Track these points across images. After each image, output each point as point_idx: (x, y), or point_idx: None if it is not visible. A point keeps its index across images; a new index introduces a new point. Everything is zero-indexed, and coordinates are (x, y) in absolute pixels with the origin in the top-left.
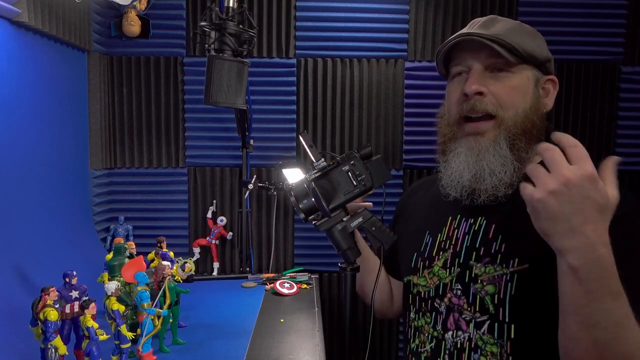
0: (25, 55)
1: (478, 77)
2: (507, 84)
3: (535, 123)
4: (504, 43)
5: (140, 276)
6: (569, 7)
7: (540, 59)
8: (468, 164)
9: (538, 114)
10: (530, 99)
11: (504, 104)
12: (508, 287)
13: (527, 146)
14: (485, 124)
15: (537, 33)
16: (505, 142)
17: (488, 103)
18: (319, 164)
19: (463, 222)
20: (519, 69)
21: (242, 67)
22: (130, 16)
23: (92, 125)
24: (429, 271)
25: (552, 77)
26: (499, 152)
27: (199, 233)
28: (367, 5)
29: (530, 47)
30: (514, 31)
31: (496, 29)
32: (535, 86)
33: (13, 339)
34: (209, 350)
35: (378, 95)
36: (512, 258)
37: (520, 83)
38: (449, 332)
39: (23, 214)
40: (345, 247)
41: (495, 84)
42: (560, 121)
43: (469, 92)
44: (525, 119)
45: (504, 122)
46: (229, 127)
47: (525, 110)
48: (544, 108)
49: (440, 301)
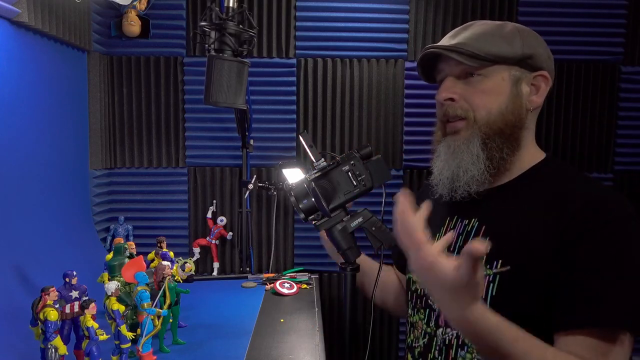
0: (25, 55)
1: (448, 85)
2: (479, 87)
3: (511, 123)
4: (463, 51)
5: (140, 276)
6: (569, 7)
7: (513, 58)
8: (447, 162)
9: (516, 113)
10: (507, 98)
11: (475, 106)
12: (490, 288)
13: (501, 146)
14: (460, 123)
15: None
16: (478, 141)
17: (458, 107)
18: (319, 164)
19: (458, 223)
20: (491, 72)
21: (242, 67)
22: (130, 16)
23: (92, 125)
24: None
25: (543, 72)
26: (472, 150)
27: (199, 233)
28: (367, 5)
29: (497, 48)
30: (482, 35)
31: (462, 36)
32: (514, 85)
33: (13, 339)
34: (209, 350)
35: (378, 95)
36: (496, 259)
37: (493, 84)
38: (440, 329)
39: (23, 214)
40: (345, 247)
41: (467, 89)
42: (560, 121)
43: (440, 100)
44: (499, 119)
45: (476, 122)
46: (229, 127)
47: (500, 111)
48: (530, 106)
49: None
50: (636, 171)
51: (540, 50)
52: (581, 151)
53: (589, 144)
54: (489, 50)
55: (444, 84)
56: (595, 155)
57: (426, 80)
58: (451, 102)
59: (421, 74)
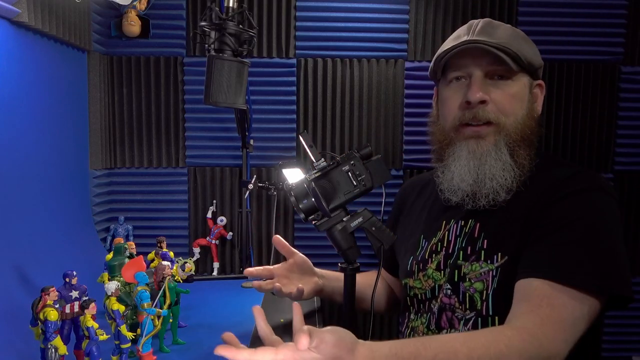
0: (25, 55)
1: (480, 85)
2: (507, 91)
3: (533, 128)
4: (509, 51)
5: (140, 276)
6: (569, 7)
7: (536, 66)
8: (469, 167)
9: (533, 119)
10: (527, 105)
11: (505, 112)
12: (494, 282)
13: (525, 152)
14: (486, 128)
15: (529, 39)
16: (506, 148)
17: (490, 111)
18: (319, 164)
19: (454, 225)
20: (517, 77)
21: (242, 67)
22: (130, 16)
23: (92, 125)
24: (424, 274)
25: (540, 81)
26: (501, 156)
27: (199, 233)
28: (367, 5)
29: (529, 54)
30: (515, 38)
31: (498, 35)
32: (529, 92)
33: (13, 339)
34: (209, 350)
35: (378, 95)
36: (495, 253)
37: (519, 90)
38: (443, 331)
39: (23, 214)
40: (345, 247)
41: (496, 92)
42: (560, 121)
43: (473, 101)
44: (524, 125)
45: (505, 128)
46: (229, 127)
47: (524, 117)
48: (536, 113)
49: (435, 302)
50: (636, 171)
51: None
52: (581, 151)
53: (589, 144)
54: (526, 56)
55: (475, 82)
56: (595, 155)
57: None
58: (482, 104)
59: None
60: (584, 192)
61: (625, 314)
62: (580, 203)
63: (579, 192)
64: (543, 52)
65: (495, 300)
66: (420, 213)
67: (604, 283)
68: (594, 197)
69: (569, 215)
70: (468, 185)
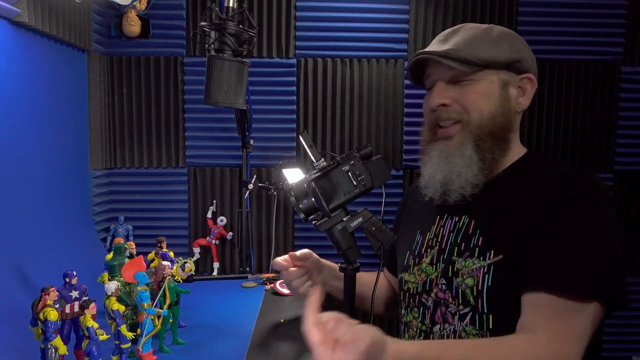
0: (25, 55)
1: (440, 90)
2: (471, 90)
3: (502, 124)
4: (455, 56)
5: (140, 276)
6: (569, 7)
7: (503, 63)
8: (439, 166)
9: (506, 115)
10: (497, 101)
11: (468, 109)
12: (485, 279)
13: (492, 147)
14: (454, 127)
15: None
16: (471, 144)
17: (452, 111)
18: (319, 164)
19: (449, 220)
20: (481, 76)
21: (242, 67)
22: (130, 16)
23: (92, 125)
24: (418, 268)
25: (529, 75)
26: (464, 153)
27: (199, 233)
28: (367, 5)
29: (488, 54)
30: (473, 40)
31: (453, 41)
32: (503, 88)
33: (13, 339)
34: (209, 350)
35: (378, 95)
36: (488, 250)
37: (484, 88)
38: (437, 326)
39: (23, 214)
40: (345, 247)
41: (460, 93)
42: (560, 121)
43: (432, 106)
44: (491, 121)
45: (470, 124)
46: (229, 127)
47: (491, 113)
48: (518, 108)
49: (428, 296)
50: (636, 171)
51: (526, 54)
52: (581, 151)
53: (589, 144)
54: (480, 56)
55: (435, 90)
56: (595, 155)
57: (415, 83)
58: (444, 107)
59: (411, 78)
60: (584, 196)
61: (625, 314)
62: (581, 209)
63: (578, 197)
64: (543, 52)
65: (489, 298)
66: (419, 211)
67: (608, 293)
68: (593, 202)
69: (570, 223)
70: (438, 182)
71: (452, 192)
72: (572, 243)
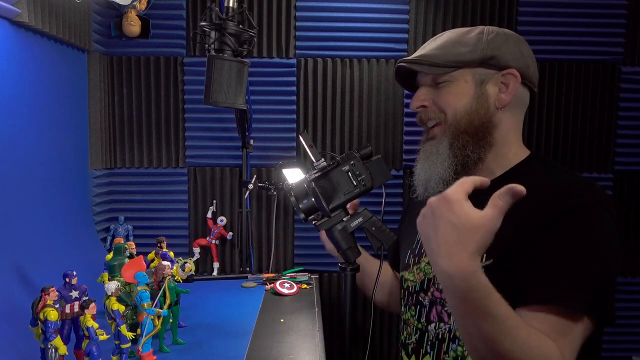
0: (25, 55)
1: (419, 94)
2: (445, 91)
3: (478, 122)
4: (423, 61)
5: (140, 276)
6: (569, 7)
7: (473, 61)
8: (423, 165)
9: (482, 113)
10: (471, 99)
11: (444, 108)
12: None
13: (465, 143)
14: (436, 128)
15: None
16: (446, 142)
17: (430, 112)
18: (319, 164)
19: None
20: (455, 76)
21: (242, 67)
22: (130, 16)
23: (92, 125)
24: (417, 267)
25: (510, 70)
26: (440, 151)
27: (199, 233)
28: (367, 5)
29: (455, 53)
30: (446, 44)
31: (428, 47)
32: (478, 86)
33: (13, 339)
34: (209, 350)
35: (378, 95)
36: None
37: (457, 87)
38: (432, 324)
39: (23, 214)
40: (345, 247)
41: (437, 94)
42: (560, 121)
43: (412, 109)
44: (465, 118)
45: (447, 123)
46: (229, 127)
47: (466, 111)
48: (499, 104)
49: (425, 295)
50: (636, 171)
51: (506, 50)
52: (581, 151)
53: (589, 144)
54: (448, 58)
55: (415, 94)
56: (595, 155)
57: (409, 90)
58: (423, 108)
59: (402, 85)
60: (583, 207)
61: (625, 314)
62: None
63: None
64: (543, 52)
65: None
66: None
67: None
68: (592, 214)
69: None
70: (421, 181)
71: (431, 190)
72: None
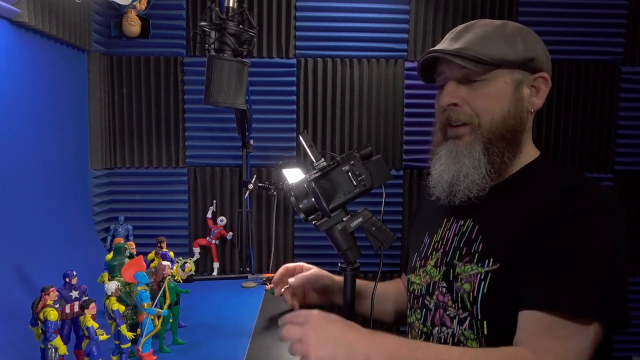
0: (25, 55)
1: (451, 90)
2: (482, 91)
3: (513, 127)
4: (467, 56)
5: (140, 276)
6: (569, 7)
7: (516, 62)
8: (448, 165)
9: (518, 117)
10: (509, 102)
11: (479, 112)
12: (481, 286)
13: (502, 150)
14: (464, 128)
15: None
16: (480, 146)
17: (462, 113)
18: (319, 164)
19: (454, 224)
20: (494, 75)
21: (242, 67)
22: (130, 16)
23: (92, 125)
24: (423, 270)
25: (543, 74)
26: (473, 154)
27: (199, 233)
28: (367, 5)
29: (501, 52)
30: (485, 38)
31: (464, 40)
32: (516, 89)
33: (13, 339)
34: (209, 350)
35: (378, 95)
36: (487, 258)
37: (496, 89)
38: (436, 328)
39: (23, 214)
40: (345, 247)
41: (471, 93)
42: (560, 121)
43: (442, 106)
44: (502, 124)
45: (480, 127)
46: (229, 127)
47: (503, 115)
48: (531, 108)
49: (430, 298)
50: (636, 171)
51: (540, 52)
52: (581, 151)
53: (589, 144)
54: (493, 55)
55: (446, 88)
56: (595, 155)
57: (425, 81)
58: (454, 107)
59: (421, 75)
60: (590, 211)
61: None
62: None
63: (584, 212)
64: None
65: (484, 305)
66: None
67: (608, 314)
68: (599, 218)
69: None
70: (445, 182)
71: (458, 193)
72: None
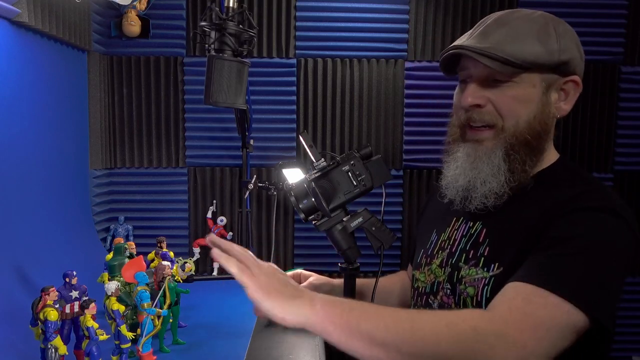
0: (25, 55)
1: (475, 89)
2: (508, 93)
3: (538, 133)
4: (495, 56)
5: (140, 276)
6: (568, 7)
7: (548, 65)
8: (464, 169)
9: (543, 122)
10: (536, 107)
11: (504, 114)
12: (485, 291)
13: (524, 157)
14: (486, 132)
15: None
16: (501, 151)
17: (486, 114)
18: (319, 164)
19: (463, 224)
20: (523, 78)
21: (242, 67)
22: (131, 16)
23: (92, 125)
24: (428, 268)
25: (574, 77)
26: (493, 161)
27: (199, 233)
28: (367, 5)
29: (534, 54)
30: (517, 37)
31: (495, 37)
32: (544, 92)
33: (13, 339)
34: (209, 350)
35: (378, 95)
36: (493, 262)
37: (524, 92)
38: None
39: (23, 214)
40: (345, 247)
41: (496, 94)
42: (560, 121)
43: (464, 106)
44: (526, 129)
45: (504, 131)
46: (229, 127)
47: (529, 120)
48: (558, 113)
49: (434, 298)
50: (636, 171)
51: (576, 53)
52: (581, 151)
53: (589, 144)
54: (525, 57)
55: (469, 88)
56: (595, 155)
57: (446, 74)
58: (477, 107)
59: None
60: (593, 210)
61: (625, 314)
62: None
63: (586, 210)
64: None
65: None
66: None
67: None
68: (602, 218)
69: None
70: (460, 187)
71: (474, 199)
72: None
